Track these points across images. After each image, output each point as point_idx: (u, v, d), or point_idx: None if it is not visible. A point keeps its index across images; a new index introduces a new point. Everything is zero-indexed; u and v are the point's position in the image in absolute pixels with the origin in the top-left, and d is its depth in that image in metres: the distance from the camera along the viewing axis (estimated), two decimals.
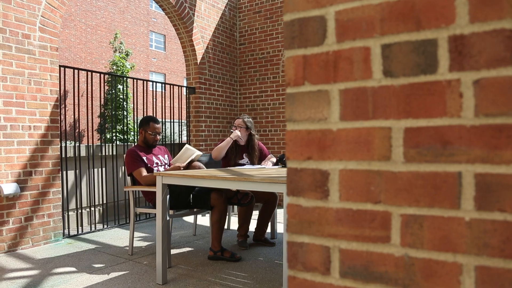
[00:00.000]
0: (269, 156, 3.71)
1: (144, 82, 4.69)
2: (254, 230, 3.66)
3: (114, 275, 2.76)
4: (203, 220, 4.68)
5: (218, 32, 5.67)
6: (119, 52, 14.80)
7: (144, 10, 22.67)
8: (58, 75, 3.68)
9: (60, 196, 3.72)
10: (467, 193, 0.54)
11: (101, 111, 9.53)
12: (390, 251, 0.59)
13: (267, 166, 3.45)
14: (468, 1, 0.53)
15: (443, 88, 0.55)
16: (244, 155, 3.67)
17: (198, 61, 5.30)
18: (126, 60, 14.01)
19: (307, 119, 0.66)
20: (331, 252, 0.64)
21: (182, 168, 3.10)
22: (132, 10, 21.94)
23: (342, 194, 0.63)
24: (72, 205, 4.14)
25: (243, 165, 3.57)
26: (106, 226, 4.24)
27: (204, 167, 3.25)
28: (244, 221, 3.50)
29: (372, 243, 0.60)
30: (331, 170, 0.64)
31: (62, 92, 4.50)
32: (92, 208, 4.27)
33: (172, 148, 5.05)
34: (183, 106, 5.24)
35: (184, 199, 3.09)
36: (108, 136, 9.36)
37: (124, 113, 5.13)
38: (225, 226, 3.40)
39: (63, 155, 3.87)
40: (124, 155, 3.97)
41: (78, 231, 3.98)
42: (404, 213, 0.58)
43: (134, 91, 4.32)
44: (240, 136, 3.55)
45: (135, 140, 4.93)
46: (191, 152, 3.18)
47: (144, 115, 3.75)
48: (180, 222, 4.62)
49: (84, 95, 17.50)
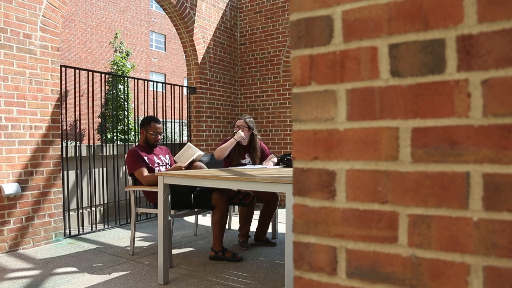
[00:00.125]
0: (270, 156, 3.72)
1: (144, 82, 4.69)
2: (255, 230, 3.66)
3: (115, 275, 2.76)
4: (204, 220, 4.68)
5: (219, 32, 5.67)
6: (120, 52, 14.80)
7: (145, 10, 22.67)
8: (59, 75, 3.68)
9: (61, 196, 3.72)
10: (475, 193, 0.54)
11: (101, 111, 9.52)
12: (397, 251, 0.59)
13: (268, 166, 3.45)
14: (476, 0, 0.53)
15: (451, 88, 0.55)
16: (246, 155, 3.67)
17: (199, 61, 5.30)
18: (127, 60, 14.00)
19: (313, 119, 0.65)
20: (338, 253, 0.64)
21: (183, 168, 3.10)
22: (132, 10, 21.94)
23: (349, 194, 0.63)
24: (73, 205, 4.14)
25: (245, 165, 3.58)
26: (107, 226, 4.24)
27: (205, 167, 3.25)
28: (245, 221, 3.50)
29: (379, 243, 0.60)
30: (338, 170, 0.63)
31: (63, 92, 4.50)
32: (93, 208, 4.27)
33: (173, 148, 5.04)
34: (184, 106, 5.24)
35: (186, 199, 3.10)
36: (109, 136, 9.35)
37: (124, 113, 5.13)
38: (226, 226, 3.40)
39: (64, 155, 3.87)
40: (125, 155, 3.97)
41: (79, 231, 3.97)
42: (412, 213, 0.58)
43: (135, 91, 4.33)
44: (243, 137, 3.56)
45: (136, 140, 4.93)
46: (193, 150, 3.18)
47: (145, 115, 3.75)
48: (181, 222, 4.62)
49: (85, 95, 17.50)
